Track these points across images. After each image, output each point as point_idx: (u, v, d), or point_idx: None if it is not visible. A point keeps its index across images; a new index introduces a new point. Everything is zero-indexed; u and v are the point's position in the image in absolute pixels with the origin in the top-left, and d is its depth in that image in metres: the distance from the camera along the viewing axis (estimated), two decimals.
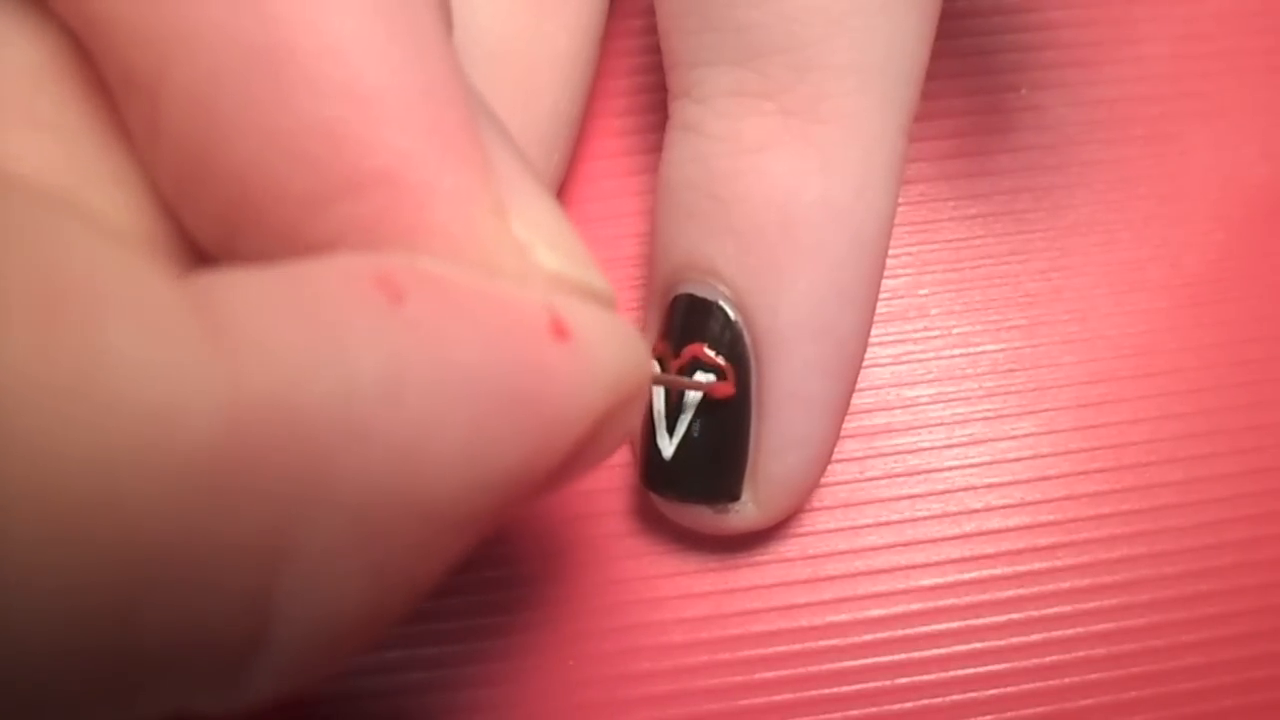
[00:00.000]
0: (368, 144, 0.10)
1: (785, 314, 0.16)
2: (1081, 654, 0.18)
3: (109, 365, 0.07)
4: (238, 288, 0.09)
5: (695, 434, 0.16)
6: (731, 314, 0.16)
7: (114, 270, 0.08)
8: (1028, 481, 0.19)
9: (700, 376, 0.16)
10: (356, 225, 0.10)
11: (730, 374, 0.16)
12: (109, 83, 0.10)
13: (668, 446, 0.17)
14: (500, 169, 0.11)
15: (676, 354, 0.16)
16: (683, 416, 0.16)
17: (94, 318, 0.07)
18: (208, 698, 0.09)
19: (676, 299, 0.17)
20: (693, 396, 0.16)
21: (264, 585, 0.08)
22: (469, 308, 0.10)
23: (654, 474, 0.17)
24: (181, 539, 0.08)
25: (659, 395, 0.17)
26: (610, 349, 0.11)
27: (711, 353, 0.16)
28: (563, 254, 0.11)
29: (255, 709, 0.09)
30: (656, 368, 0.17)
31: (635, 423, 0.12)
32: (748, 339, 0.16)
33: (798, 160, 0.15)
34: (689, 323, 0.16)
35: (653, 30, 0.17)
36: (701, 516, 0.17)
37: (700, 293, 0.16)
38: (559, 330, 0.10)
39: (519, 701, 0.18)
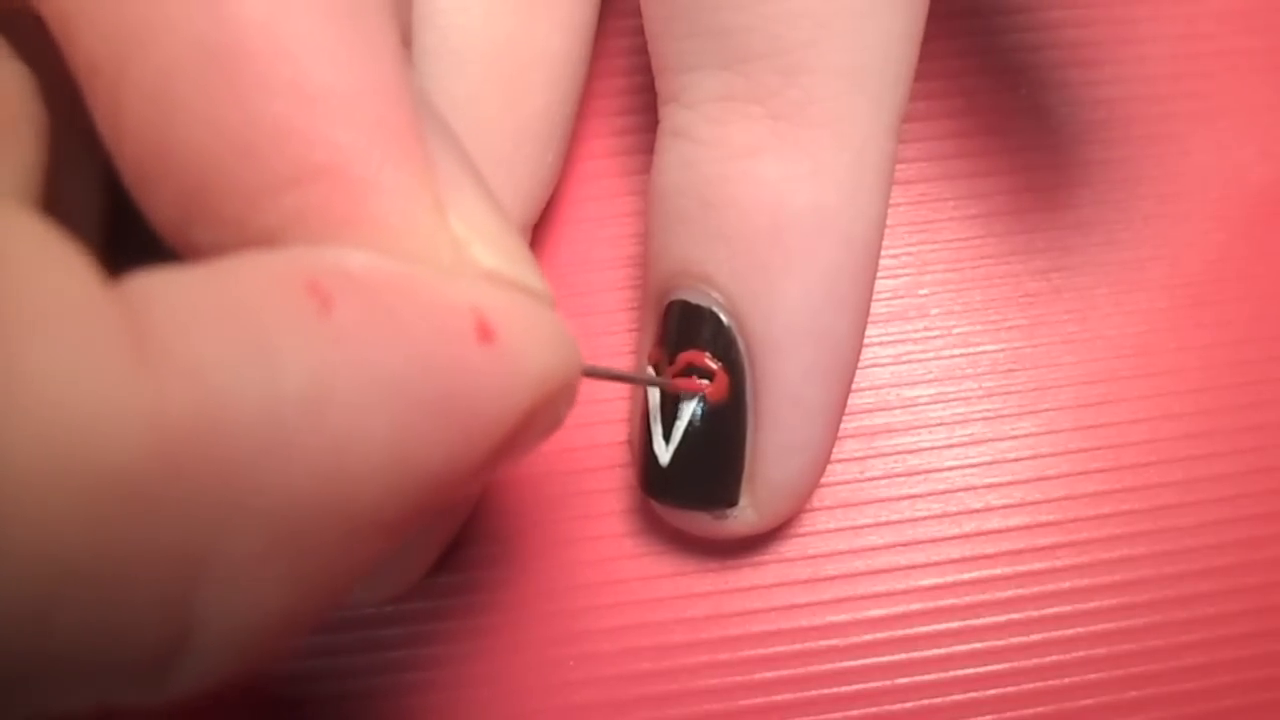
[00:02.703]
0: (312, 139, 0.10)
1: (779, 320, 0.16)
2: (1081, 654, 0.18)
3: (33, 381, 0.07)
4: (167, 294, 0.09)
5: (692, 440, 0.16)
6: (725, 320, 0.16)
7: (42, 278, 0.08)
8: (1028, 481, 0.19)
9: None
10: (301, 217, 0.10)
11: (725, 380, 0.16)
12: (76, 73, 0.11)
13: (664, 453, 0.17)
14: (442, 168, 0.11)
15: (672, 361, 0.16)
16: (679, 423, 0.16)
17: (20, 330, 0.07)
18: (132, 694, 0.09)
19: (670, 306, 0.17)
20: (689, 403, 0.16)
21: (183, 593, 0.08)
22: (395, 312, 0.10)
23: (652, 480, 0.17)
24: (98, 551, 0.08)
25: (655, 402, 0.17)
26: (537, 348, 0.11)
27: (710, 359, 0.16)
28: (499, 252, 0.11)
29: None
30: (651, 373, 0.17)
31: (564, 415, 0.12)
32: (742, 345, 0.16)
33: (788, 165, 0.15)
34: (683, 330, 0.16)
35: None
36: (700, 522, 0.17)
37: (694, 299, 0.16)
38: (484, 332, 0.10)
39: (518, 701, 0.18)
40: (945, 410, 0.19)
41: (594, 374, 0.14)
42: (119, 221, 0.13)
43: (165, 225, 0.11)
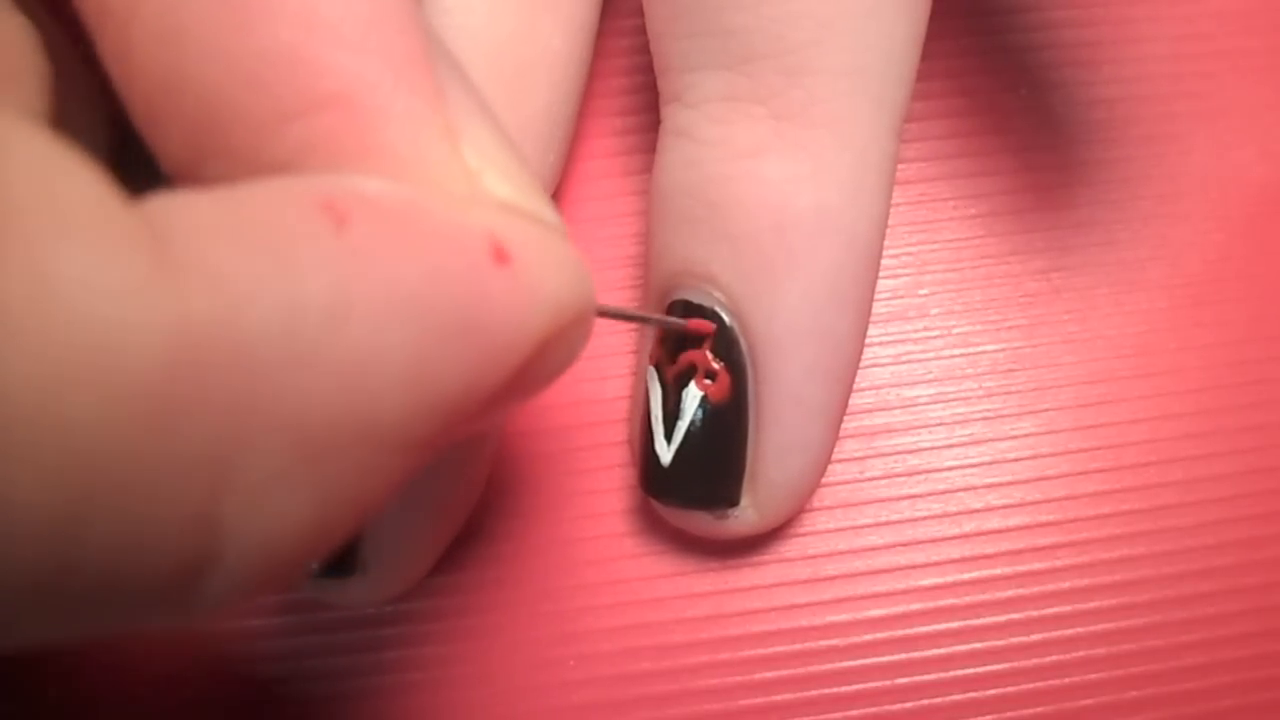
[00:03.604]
0: (322, 67, 0.10)
1: (781, 319, 0.16)
2: (1081, 654, 0.18)
3: (56, 286, 0.07)
4: (186, 211, 0.09)
5: (693, 440, 0.16)
6: (727, 320, 0.16)
7: (64, 189, 0.08)
8: (1028, 481, 0.19)
9: (694, 386, 0.16)
10: (312, 146, 0.10)
11: (727, 379, 0.16)
12: (85, 16, 0.11)
13: (666, 453, 0.17)
14: (453, 99, 0.11)
15: (673, 360, 0.16)
16: (680, 423, 0.16)
17: (42, 238, 0.07)
18: (162, 614, 0.09)
19: (672, 305, 0.17)
20: (691, 403, 0.16)
21: (209, 504, 0.08)
22: (411, 232, 0.10)
23: (653, 480, 0.17)
24: (124, 457, 0.08)
25: (657, 401, 0.17)
26: (552, 274, 0.11)
27: (712, 359, 0.16)
28: (512, 183, 0.11)
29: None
30: (654, 373, 0.17)
31: (581, 348, 0.12)
32: (744, 345, 0.16)
33: (791, 165, 0.15)
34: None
35: (646, 30, 0.17)
36: (701, 522, 0.17)
37: (696, 299, 0.16)
38: (500, 255, 0.10)
39: (517, 701, 0.18)
40: (945, 410, 0.19)
41: (607, 313, 0.14)
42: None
43: (176, 162, 0.11)
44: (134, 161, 0.11)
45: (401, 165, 0.10)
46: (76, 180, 0.08)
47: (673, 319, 0.16)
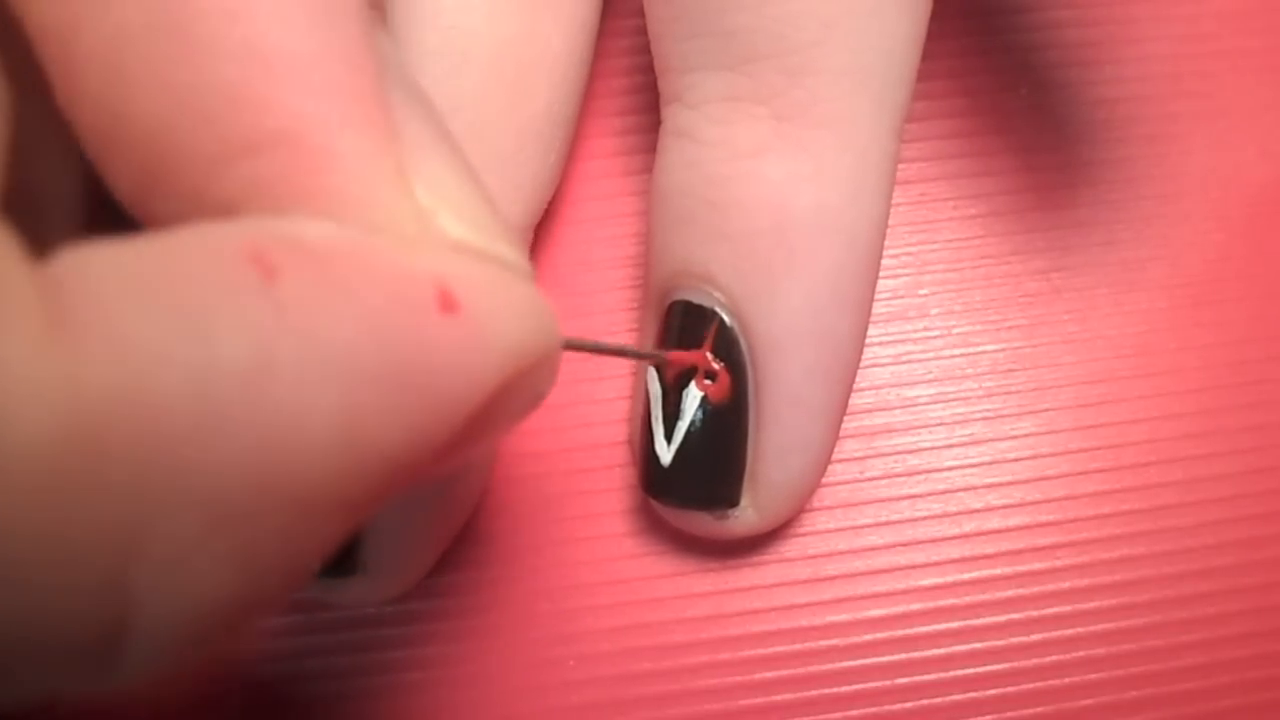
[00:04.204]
0: (267, 104, 0.10)
1: (781, 320, 0.16)
2: (1081, 654, 0.18)
3: None
4: (95, 266, 0.08)
5: (694, 440, 0.16)
6: (727, 320, 0.16)
7: None
8: (1028, 481, 0.19)
9: (694, 387, 0.16)
10: (258, 186, 0.10)
11: (727, 380, 0.16)
12: (32, 42, 0.10)
13: (666, 453, 0.17)
14: (409, 135, 0.11)
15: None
16: (680, 423, 0.16)
17: None
18: (79, 681, 0.09)
19: (672, 305, 0.17)
20: (691, 404, 0.16)
21: (115, 577, 0.08)
22: (347, 282, 0.09)
23: (653, 480, 0.17)
24: (19, 534, 0.07)
25: (657, 402, 0.17)
26: (506, 319, 0.10)
27: (712, 359, 0.16)
28: (468, 222, 0.11)
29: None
30: (654, 373, 0.17)
31: (547, 388, 0.11)
32: (744, 345, 0.16)
33: (791, 165, 0.15)
34: (685, 330, 0.16)
35: (647, 30, 0.17)
36: (701, 522, 0.17)
37: (696, 299, 0.16)
38: (446, 302, 0.10)
39: (517, 701, 0.18)
40: (945, 410, 0.19)
41: (578, 347, 0.14)
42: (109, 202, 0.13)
43: (126, 197, 0.11)
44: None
45: (349, 206, 0.10)
46: None
47: (653, 353, 0.16)
